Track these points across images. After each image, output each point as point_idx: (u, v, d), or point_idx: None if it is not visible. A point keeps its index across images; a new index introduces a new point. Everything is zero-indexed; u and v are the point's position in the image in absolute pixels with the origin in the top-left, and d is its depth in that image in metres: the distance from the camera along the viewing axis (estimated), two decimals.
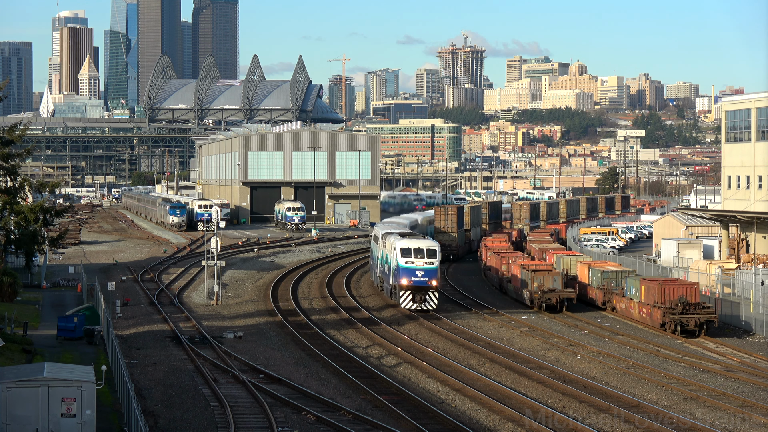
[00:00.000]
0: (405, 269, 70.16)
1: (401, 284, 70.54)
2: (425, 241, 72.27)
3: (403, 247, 70.81)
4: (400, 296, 70.75)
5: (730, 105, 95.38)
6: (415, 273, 70.12)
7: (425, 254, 70.52)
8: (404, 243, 71.38)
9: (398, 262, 70.65)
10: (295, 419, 42.10)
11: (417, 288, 70.28)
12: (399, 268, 70.59)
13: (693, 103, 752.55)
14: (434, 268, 70.46)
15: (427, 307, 70.44)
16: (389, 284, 74.40)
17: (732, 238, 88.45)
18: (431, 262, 70.51)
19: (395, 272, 71.44)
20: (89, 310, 64.23)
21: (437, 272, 71.02)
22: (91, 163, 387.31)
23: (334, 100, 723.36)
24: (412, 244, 71.04)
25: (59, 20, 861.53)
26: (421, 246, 71.01)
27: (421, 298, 70.21)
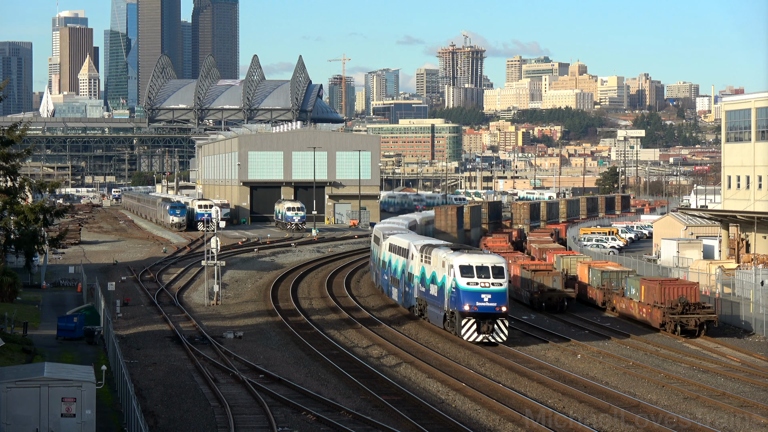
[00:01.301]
0: (467, 293, 58.13)
1: (463, 311, 58.28)
2: (488, 257, 60.42)
3: (463, 265, 58.73)
4: (462, 326, 58.47)
5: (730, 105, 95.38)
6: (479, 297, 57.99)
7: (491, 273, 58.52)
8: (464, 259, 59.16)
9: (457, 283, 58.53)
10: (295, 419, 42.10)
11: (483, 316, 58.26)
12: (459, 291, 58.44)
13: (693, 103, 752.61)
14: (503, 290, 58.51)
15: (496, 338, 58.54)
16: (439, 309, 61.95)
17: (732, 238, 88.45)
18: (499, 283, 58.44)
19: (453, 295, 59.08)
20: (89, 310, 64.25)
21: (506, 295, 58.91)
22: (91, 163, 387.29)
23: (334, 100, 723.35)
24: (473, 261, 59.00)
25: (59, 20, 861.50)
26: (485, 263, 59.00)
27: (488, 327, 58.17)
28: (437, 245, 65.31)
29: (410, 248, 68.70)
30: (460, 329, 58.62)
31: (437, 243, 67.64)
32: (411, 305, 68.77)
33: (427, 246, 65.95)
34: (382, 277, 79.61)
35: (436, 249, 63.41)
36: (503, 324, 58.62)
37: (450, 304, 59.73)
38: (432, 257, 63.00)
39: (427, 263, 63.89)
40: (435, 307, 62.84)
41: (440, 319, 61.82)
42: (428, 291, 63.83)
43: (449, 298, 59.66)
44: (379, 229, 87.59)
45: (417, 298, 66.91)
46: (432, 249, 64.04)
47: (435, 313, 62.97)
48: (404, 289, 70.42)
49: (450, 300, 59.62)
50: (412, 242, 69.32)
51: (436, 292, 62.24)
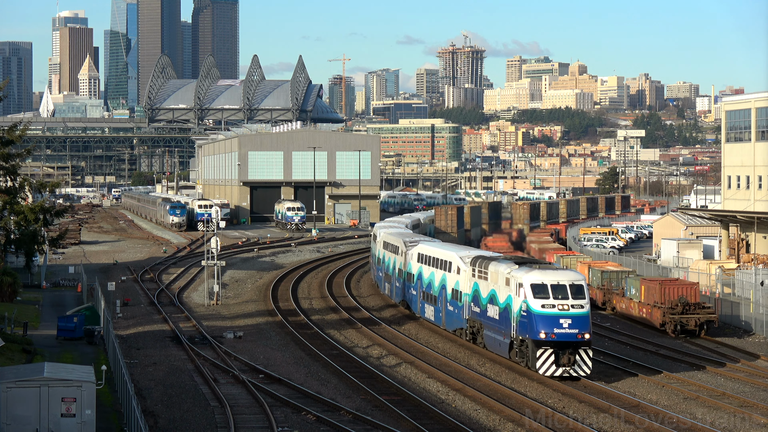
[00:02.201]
0: (542, 317, 49.06)
1: (538, 339, 49.14)
2: (564, 273, 51.17)
3: (535, 283, 49.64)
4: (537, 357, 49.26)
5: (730, 105, 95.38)
6: (557, 322, 48.93)
7: (569, 292, 49.45)
8: (535, 276, 50.02)
9: (529, 305, 49.49)
10: (295, 419, 42.11)
11: (563, 345, 49.09)
12: (531, 315, 49.34)
13: (693, 103, 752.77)
14: (585, 314, 49.33)
15: (579, 372, 49.23)
16: (501, 335, 52.82)
17: (732, 238, 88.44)
18: (580, 305, 49.37)
19: (523, 320, 50.03)
20: (89, 310, 64.25)
21: (589, 319, 49.76)
22: (91, 163, 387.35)
23: (334, 100, 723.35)
24: (547, 278, 49.79)
25: (59, 20, 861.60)
26: (561, 280, 49.84)
27: (569, 359, 48.97)
28: (494, 258, 56.46)
29: (455, 260, 59.69)
30: (534, 361, 49.34)
31: (491, 255, 59.11)
32: (458, 327, 59.39)
33: (480, 259, 56.60)
34: (408, 292, 70.22)
35: (495, 263, 54.20)
36: (587, 354, 49.33)
37: (519, 331, 50.38)
38: (490, 272, 53.89)
39: (482, 279, 54.91)
40: (495, 332, 53.45)
41: (503, 347, 52.52)
42: (485, 312, 54.54)
43: (518, 323, 50.40)
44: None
45: (468, 319, 57.44)
46: (489, 262, 54.81)
47: (496, 339, 53.57)
48: (445, 307, 61.11)
49: (519, 325, 50.30)
50: (457, 253, 60.33)
51: (496, 315, 52.99)
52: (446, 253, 62.22)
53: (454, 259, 59.94)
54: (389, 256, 75.78)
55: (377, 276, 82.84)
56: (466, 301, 57.37)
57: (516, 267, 51.73)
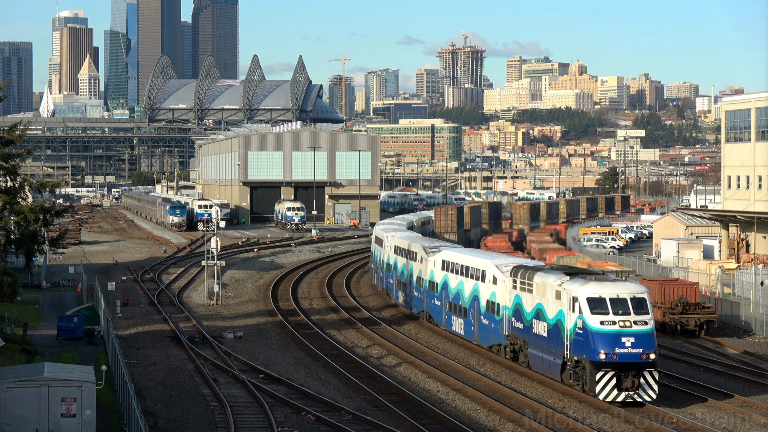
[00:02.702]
0: (602, 336, 44.14)
1: (597, 360, 44.17)
2: (623, 285, 45.87)
3: (592, 297, 44.81)
4: (596, 381, 44.22)
5: (730, 105, 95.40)
6: (619, 341, 44.01)
7: (630, 307, 44.61)
8: (592, 289, 45.14)
9: (585, 321, 44.62)
10: (295, 419, 42.11)
11: (625, 366, 44.05)
12: (589, 333, 44.48)
13: (693, 103, 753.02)
14: (649, 331, 44.48)
15: (644, 397, 44.18)
16: (551, 354, 47.63)
17: (732, 238, 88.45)
18: (643, 321, 44.52)
19: (579, 339, 45.07)
20: (89, 310, 64.26)
21: (654, 338, 44.80)
22: (91, 163, 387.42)
23: (334, 100, 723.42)
24: (605, 291, 44.89)
25: (59, 20, 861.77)
26: (621, 293, 44.91)
27: (632, 382, 43.87)
28: (538, 267, 51.18)
29: (489, 269, 54.71)
30: (593, 385, 44.30)
31: (534, 264, 53.79)
32: (495, 344, 54.37)
33: (522, 269, 51.34)
34: (430, 303, 64.89)
35: (541, 274, 49.06)
36: (652, 377, 44.26)
37: (574, 350, 45.40)
38: (536, 284, 48.88)
39: (525, 291, 49.90)
40: (543, 351, 48.39)
41: (554, 368, 47.38)
42: (529, 328, 49.48)
43: (572, 342, 45.43)
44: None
45: (508, 335, 52.26)
46: (534, 273, 49.63)
47: (544, 359, 48.41)
48: (478, 321, 56.27)
49: (574, 345, 45.34)
50: (492, 261, 55.34)
51: (544, 332, 47.97)
52: (478, 260, 57.27)
53: (488, 268, 54.89)
54: (404, 262, 71.10)
55: (386, 283, 77.95)
56: (506, 316, 52.17)
57: (567, 278, 46.67)
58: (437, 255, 63.91)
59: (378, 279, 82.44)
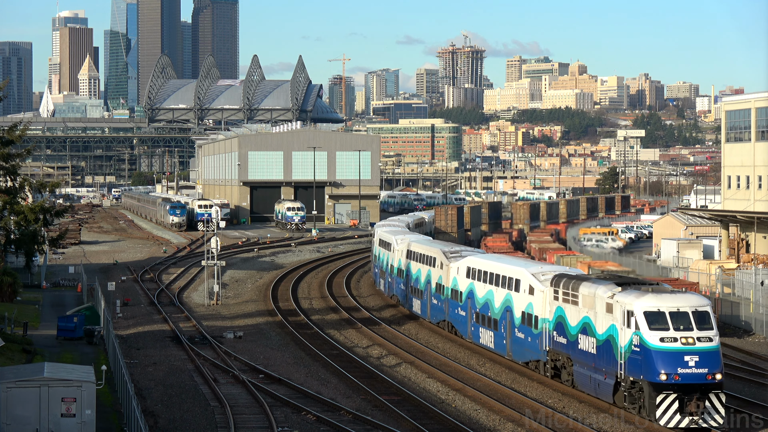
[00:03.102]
0: (662, 354, 40.24)
1: (657, 382, 40.18)
2: (684, 297, 41.90)
3: (650, 310, 40.88)
4: (657, 404, 40.25)
5: (730, 105, 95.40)
6: (681, 360, 40.15)
7: (693, 321, 40.80)
8: (649, 301, 41.17)
9: (642, 338, 40.63)
10: (295, 419, 42.12)
11: (688, 388, 40.11)
12: (647, 351, 40.51)
13: (693, 103, 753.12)
14: (715, 348, 40.67)
15: (709, 422, 40.22)
16: (601, 374, 43.50)
17: (732, 238, 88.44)
18: (707, 337, 40.75)
19: (635, 357, 41.11)
20: (89, 310, 64.28)
21: (720, 355, 40.98)
22: (91, 163, 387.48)
23: (334, 100, 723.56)
24: (664, 304, 40.94)
25: (59, 20, 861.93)
26: (682, 306, 41.13)
27: (697, 405, 39.95)
28: (583, 277, 47.43)
29: (524, 278, 50.57)
30: (652, 408, 40.35)
31: (577, 273, 50.04)
32: (533, 359, 50.11)
33: (564, 278, 47.10)
34: (453, 312, 60.54)
35: (587, 284, 45.04)
36: (718, 399, 40.20)
37: (629, 370, 41.39)
38: (582, 295, 44.93)
39: (569, 303, 45.89)
40: (592, 369, 44.24)
41: (605, 389, 43.22)
42: (574, 344, 45.50)
43: (627, 361, 41.43)
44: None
45: (549, 350, 48.13)
46: (579, 283, 45.58)
47: (593, 379, 44.27)
48: (512, 333, 51.96)
49: (629, 364, 41.33)
50: (527, 270, 51.12)
51: (592, 348, 43.99)
52: (510, 268, 53.10)
53: (523, 277, 50.78)
54: (419, 268, 67.48)
55: (397, 289, 74.17)
56: (546, 329, 48.03)
57: (619, 290, 42.76)
58: (461, 261, 59.85)
59: (386, 285, 78.41)
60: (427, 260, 65.77)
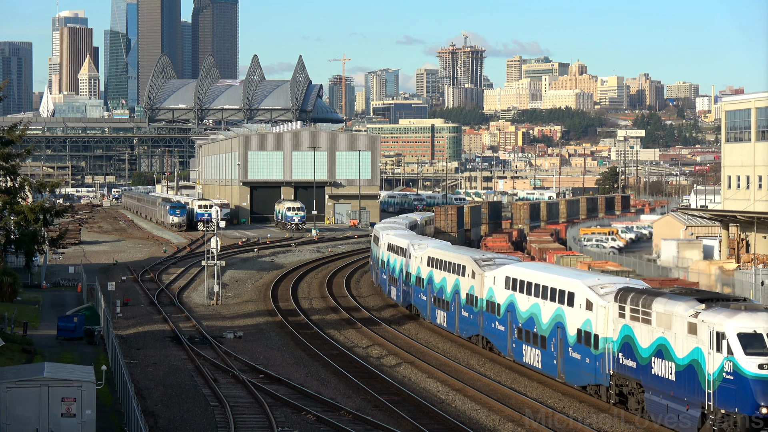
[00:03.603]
0: (762, 383, 35.11)
1: (759, 414, 35.14)
2: None
3: (744, 332, 35.72)
4: None
5: (730, 105, 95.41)
6: None
7: None
8: (744, 321, 36.02)
9: (737, 364, 35.54)
10: (295, 419, 42.11)
11: None
12: (742, 380, 35.42)
13: (693, 103, 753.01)
14: None
15: None
16: (682, 404, 38.23)
17: (732, 238, 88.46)
18: None
19: (727, 386, 36.00)
20: (89, 310, 64.27)
21: None
22: (91, 163, 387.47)
23: (334, 100, 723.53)
24: (761, 324, 35.77)
25: (59, 20, 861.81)
26: None
27: None
28: (656, 292, 41.44)
29: (579, 291, 45.44)
30: None
31: (646, 287, 44.13)
32: (592, 383, 44.62)
33: (632, 293, 41.56)
34: (489, 326, 54.99)
35: (662, 300, 39.56)
36: None
37: (719, 401, 36.11)
38: (656, 313, 39.53)
39: (639, 321, 40.37)
40: (669, 398, 38.90)
41: (688, 422, 37.83)
42: (646, 369, 40.17)
43: (717, 390, 36.15)
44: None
45: (613, 374, 42.69)
46: (652, 299, 40.11)
47: (671, 409, 38.90)
48: (563, 353, 46.74)
49: (720, 394, 36.06)
50: (582, 281, 46.00)
51: (670, 374, 38.68)
52: (561, 280, 47.83)
53: (578, 290, 45.66)
54: (443, 277, 62.27)
55: (416, 299, 68.36)
56: (608, 350, 42.75)
57: (703, 307, 37.48)
58: (497, 270, 54.64)
59: (399, 293, 72.89)
60: (453, 268, 60.71)
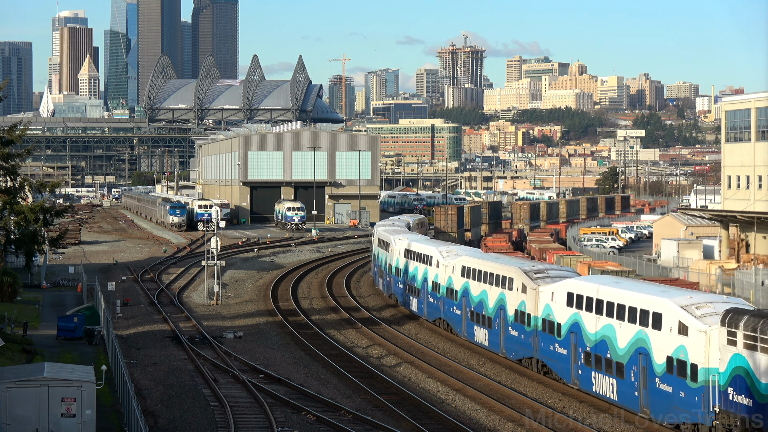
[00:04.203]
0: None
1: None
2: None
3: None
4: None
5: (730, 105, 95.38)
6: None
7: None
8: None
9: None
10: (295, 419, 42.11)
11: None
12: None
13: (693, 103, 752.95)
14: None
15: None
16: None
17: (732, 238, 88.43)
18: None
19: None
20: (89, 310, 64.27)
21: None
22: (91, 163, 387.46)
23: (334, 100, 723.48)
24: None
25: (59, 20, 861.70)
26: None
27: None
28: None
29: (669, 312, 39.50)
30: None
31: (750, 307, 39.15)
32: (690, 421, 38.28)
33: (747, 316, 35.59)
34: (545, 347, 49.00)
35: None
36: None
37: None
38: None
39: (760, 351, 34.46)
40: None
41: None
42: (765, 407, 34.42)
43: None
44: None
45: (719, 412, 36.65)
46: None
47: None
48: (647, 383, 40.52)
49: None
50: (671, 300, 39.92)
51: None
52: (640, 297, 41.78)
53: (666, 310, 39.56)
54: (483, 289, 56.11)
55: (447, 313, 62.08)
56: (713, 384, 36.85)
57: None
58: (555, 285, 48.50)
59: (423, 306, 66.72)
60: (496, 280, 54.87)
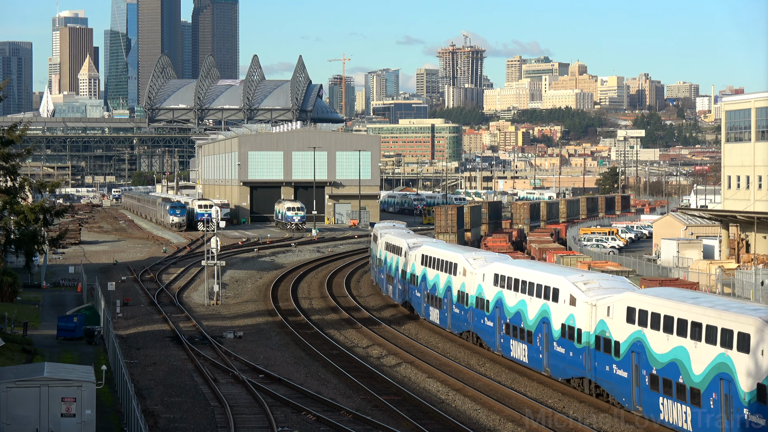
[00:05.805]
0: None
1: None
2: None
3: None
4: None
5: (730, 105, 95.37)
6: None
7: None
8: None
9: None
10: (295, 419, 42.11)
11: None
12: None
13: (693, 103, 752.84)
14: None
15: None
16: None
17: (732, 238, 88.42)
18: None
19: None
20: (89, 310, 64.27)
21: None
22: (91, 163, 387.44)
23: (334, 100, 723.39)
24: None
25: (59, 20, 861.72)
26: None
27: None
28: None
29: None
30: None
31: None
32: None
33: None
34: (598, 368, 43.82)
35: None
36: None
37: None
38: None
39: None
40: None
41: None
42: None
43: None
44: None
45: None
46: None
47: None
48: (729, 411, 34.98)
49: None
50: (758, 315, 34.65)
51: None
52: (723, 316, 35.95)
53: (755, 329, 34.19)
54: (521, 299, 51.12)
55: (477, 325, 56.53)
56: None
57: None
58: (612, 298, 43.36)
59: (448, 316, 61.38)
60: (538, 292, 49.56)
